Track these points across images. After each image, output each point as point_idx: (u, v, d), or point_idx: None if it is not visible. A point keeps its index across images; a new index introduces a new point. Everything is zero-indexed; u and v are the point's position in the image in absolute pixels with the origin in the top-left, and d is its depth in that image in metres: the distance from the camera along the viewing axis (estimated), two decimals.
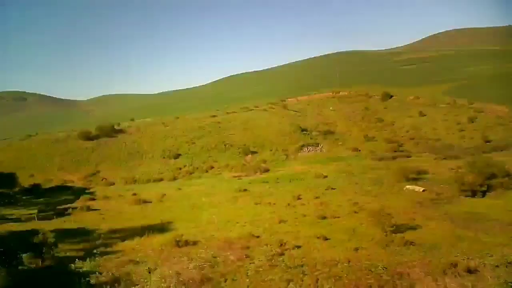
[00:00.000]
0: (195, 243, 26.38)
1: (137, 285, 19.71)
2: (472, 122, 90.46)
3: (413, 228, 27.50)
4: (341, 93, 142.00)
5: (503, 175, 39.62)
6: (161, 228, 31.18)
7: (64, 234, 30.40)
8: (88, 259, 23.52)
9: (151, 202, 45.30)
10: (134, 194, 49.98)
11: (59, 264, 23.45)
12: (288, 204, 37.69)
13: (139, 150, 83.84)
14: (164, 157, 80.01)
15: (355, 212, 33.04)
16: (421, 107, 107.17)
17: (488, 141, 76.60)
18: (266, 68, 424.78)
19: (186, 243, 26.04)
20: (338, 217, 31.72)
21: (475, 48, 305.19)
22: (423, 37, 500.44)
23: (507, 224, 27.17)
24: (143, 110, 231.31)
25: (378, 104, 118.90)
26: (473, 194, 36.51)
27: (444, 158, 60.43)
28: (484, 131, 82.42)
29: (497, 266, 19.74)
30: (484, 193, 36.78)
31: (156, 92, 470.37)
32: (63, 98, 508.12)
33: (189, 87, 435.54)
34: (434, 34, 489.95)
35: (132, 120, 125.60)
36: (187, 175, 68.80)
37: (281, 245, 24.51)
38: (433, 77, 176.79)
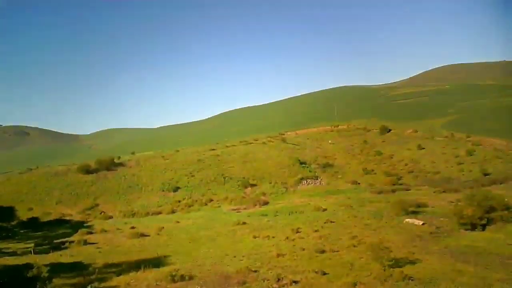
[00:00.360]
0: (191, 278, 25.96)
1: None
2: (471, 155, 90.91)
3: (412, 262, 27.15)
4: (339, 127, 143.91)
5: (502, 208, 39.40)
6: (158, 262, 30.76)
7: (59, 268, 29.99)
8: None
9: (149, 235, 44.82)
10: (132, 228, 49.56)
11: None
12: (287, 238, 37.29)
13: (138, 183, 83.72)
14: (163, 190, 79.81)
15: (354, 245, 32.66)
16: (419, 140, 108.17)
17: (487, 174, 76.70)
18: (265, 102, 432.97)
19: (182, 278, 25.63)
20: (337, 251, 31.38)
21: (471, 82, 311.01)
22: (420, 71, 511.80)
23: (507, 258, 26.90)
24: (144, 144, 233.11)
25: (377, 138, 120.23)
26: (473, 227, 36.22)
27: (443, 191, 60.37)
28: (482, 164, 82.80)
29: None
30: (484, 227, 36.47)
31: (157, 126, 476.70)
32: (65, 132, 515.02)
33: (190, 121, 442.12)
34: (431, 69, 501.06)
35: (133, 153, 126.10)
36: (186, 208, 68.27)
37: (279, 280, 24.16)
38: (430, 111, 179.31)
